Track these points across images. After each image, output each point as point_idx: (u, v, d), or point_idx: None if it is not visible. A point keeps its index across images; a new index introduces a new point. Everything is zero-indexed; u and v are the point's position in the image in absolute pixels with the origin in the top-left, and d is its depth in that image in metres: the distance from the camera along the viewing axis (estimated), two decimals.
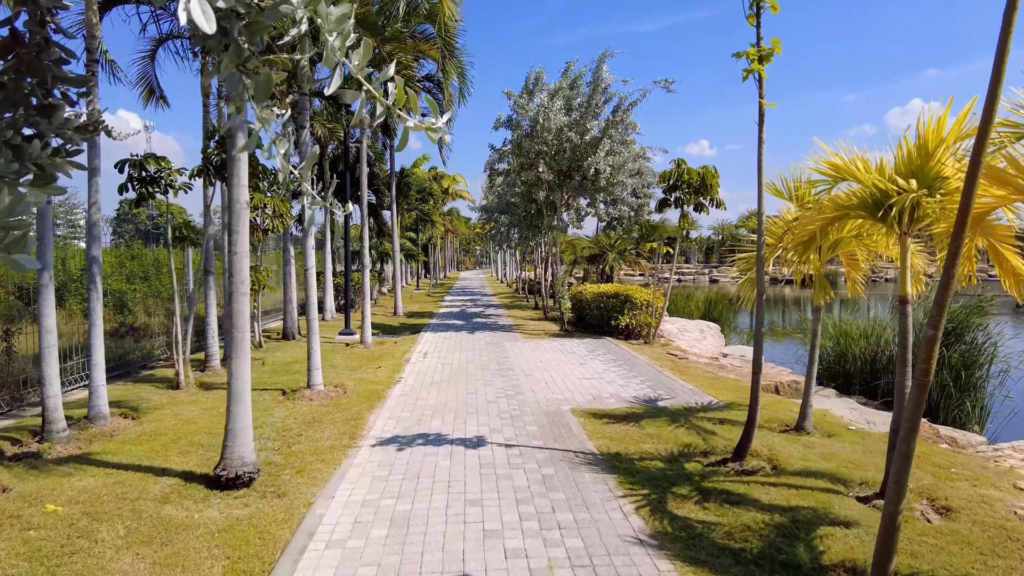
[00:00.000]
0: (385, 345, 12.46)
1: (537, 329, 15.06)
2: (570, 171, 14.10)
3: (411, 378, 8.80)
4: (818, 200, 4.93)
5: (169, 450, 5.58)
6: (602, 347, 11.84)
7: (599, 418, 6.58)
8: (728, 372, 9.80)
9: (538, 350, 11.43)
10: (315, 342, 7.83)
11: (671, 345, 12.99)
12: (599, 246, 18.09)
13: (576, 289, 15.32)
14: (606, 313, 13.66)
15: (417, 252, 29.07)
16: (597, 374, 8.99)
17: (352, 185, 19.10)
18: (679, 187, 12.42)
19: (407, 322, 17.26)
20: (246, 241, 4.67)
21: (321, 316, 17.58)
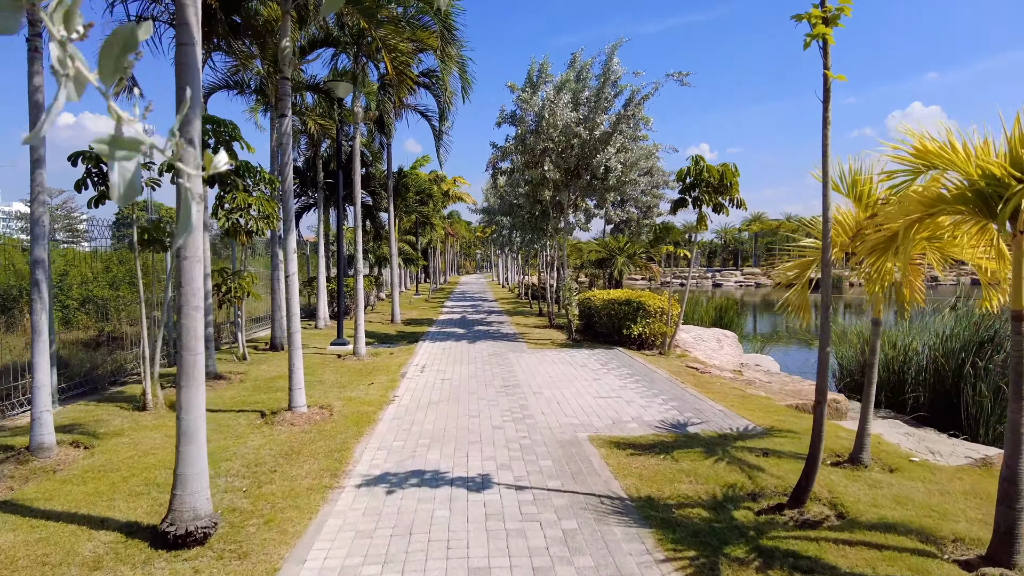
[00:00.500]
0: (380, 356, 11.60)
1: (543, 338, 14.19)
2: (578, 169, 13.26)
3: (406, 397, 7.93)
4: (895, 195, 4.07)
5: (117, 492, 4.72)
6: (615, 359, 10.97)
7: (623, 448, 5.71)
8: (756, 389, 8.93)
9: (545, 362, 10.57)
10: (297, 359, 6.97)
11: (688, 356, 12.13)
12: (607, 250, 17.24)
13: (584, 295, 14.46)
14: (617, 321, 12.80)
15: (416, 256, 28.18)
16: (614, 392, 8.12)
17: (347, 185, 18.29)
18: (697, 186, 11.58)
19: (405, 330, 16.40)
20: (198, 243, 3.82)
21: (314, 324, 16.72)
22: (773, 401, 8.04)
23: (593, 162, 12.53)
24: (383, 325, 17.47)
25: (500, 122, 13.62)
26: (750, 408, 7.43)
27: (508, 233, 26.46)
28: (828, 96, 4.05)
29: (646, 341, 12.81)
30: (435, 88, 17.78)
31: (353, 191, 11.60)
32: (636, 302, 12.67)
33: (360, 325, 11.51)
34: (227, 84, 12.50)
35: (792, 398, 8.36)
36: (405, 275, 38.83)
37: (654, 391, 8.20)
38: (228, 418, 6.95)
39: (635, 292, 14.04)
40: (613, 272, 16.86)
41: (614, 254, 16.74)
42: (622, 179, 12.60)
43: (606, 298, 13.43)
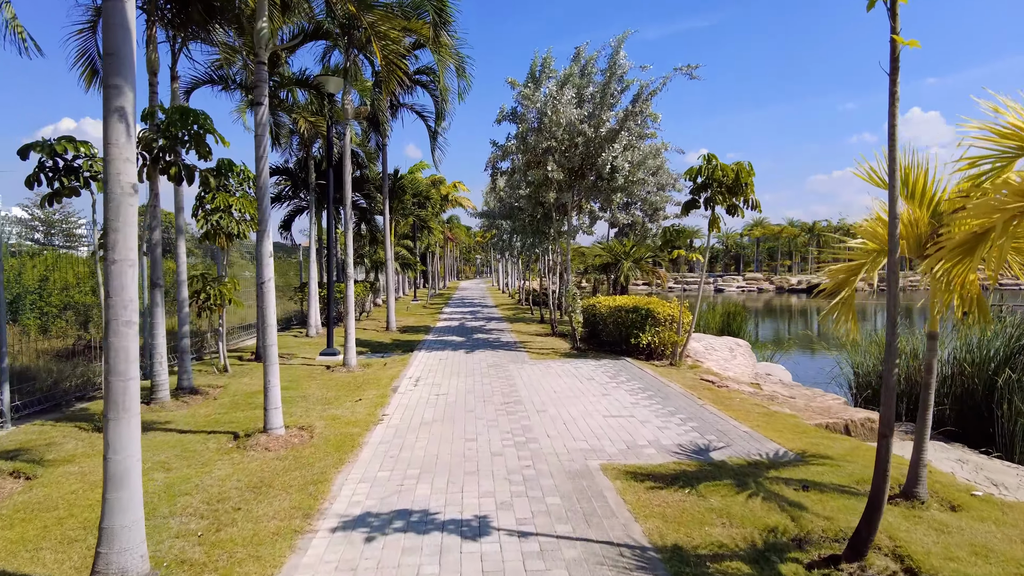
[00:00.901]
0: (372, 368, 10.88)
1: (545, 347, 13.48)
2: (582, 169, 12.59)
3: (396, 416, 7.22)
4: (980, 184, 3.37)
5: (47, 538, 4.00)
6: (624, 371, 10.26)
7: (640, 480, 4.99)
8: (780, 405, 8.22)
9: (549, 375, 9.85)
10: (273, 375, 6.26)
11: (701, 368, 11.41)
12: (612, 254, 16.55)
13: (589, 302, 13.76)
14: (625, 330, 12.09)
15: (414, 261, 27.51)
16: (625, 409, 7.40)
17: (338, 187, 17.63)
18: (709, 186, 10.91)
19: (400, 338, 15.68)
20: (131, 244, 3.12)
21: (305, 332, 16.01)
22: (800, 420, 7.32)
23: (599, 161, 11.86)
24: (378, 333, 16.75)
25: (500, 119, 12.96)
26: (777, 429, 6.72)
27: (508, 237, 25.85)
28: (896, 66, 3.37)
29: (655, 351, 12.10)
30: (432, 87, 17.16)
31: (344, 192, 10.93)
32: (645, 309, 11.96)
33: (350, 334, 10.81)
34: (211, 79, 11.85)
35: (820, 416, 7.65)
36: (403, 280, 38.14)
37: (670, 408, 7.48)
38: (197, 441, 6.24)
39: (643, 299, 13.33)
40: (619, 277, 16.16)
41: (619, 259, 16.05)
42: (629, 179, 11.92)
43: (612, 305, 12.73)
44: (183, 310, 8.69)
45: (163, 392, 8.01)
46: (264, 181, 6.25)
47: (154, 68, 7.71)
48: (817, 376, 15.62)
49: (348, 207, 10.89)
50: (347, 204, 10.88)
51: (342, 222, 20.05)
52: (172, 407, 7.87)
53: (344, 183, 10.90)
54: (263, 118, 6.22)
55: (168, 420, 7.17)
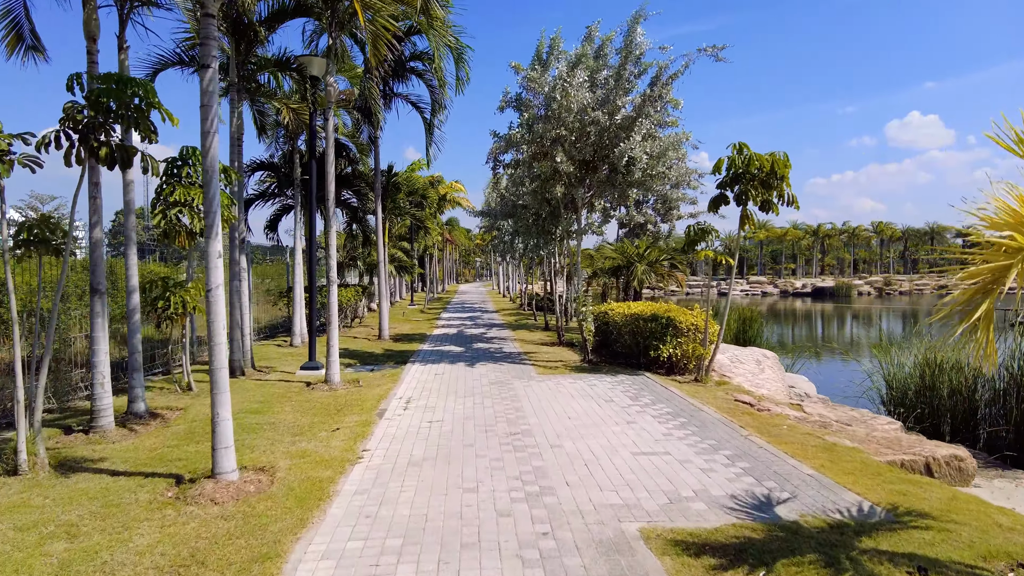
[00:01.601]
0: (358, 385, 9.65)
1: (553, 359, 12.24)
2: (595, 161, 11.38)
3: (379, 451, 5.98)
4: None
5: None
6: (646, 390, 9.03)
7: (696, 555, 3.77)
8: (836, 434, 6.98)
9: (561, 394, 8.62)
10: (222, 406, 5.03)
11: (730, 384, 10.19)
12: (624, 256, 15.33)
13: (600, 309, 12.53)
14: (643, 341, 10.87)
15: (410, 263, 26.29)
16: (657, 443, 6.17)
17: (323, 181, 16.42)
18: (741, 178, 9.71)
19: (393, 348, 14.44)
20: None
21: (289, 341, 14.77)
22: (867, 455, 6.09)
23: (614, 152, 10.65)
24: (369, 342, 15.51)
25: (503, 106, 11.75)
26: (845, 469, 5.49)
27: (510, 239, 24.62)
28: None
29: (677, 364, 10.88)
30: (428, 76, 15.99)
31: (326, 186, 9.71)
32: (665, 318, 10.74)
33: (333, 346, 9.58)
34: (180, 60, 10.64)
35: (890, 450, 6.42)
36: (399, 284, 36.91)
37: (710, 442, 6.25)
38: (128, 488, 5.01)
39: (661, 306, 12.11)
40: (631, 281, 14.94)
41: (632, 261, 14.83)
42: (648, 172, 10.71)
43: (627, 313, 11.50)
44: (132, 319, 7.46)
45: (105, 419, 6.78)
46: (212, 162, 5.03)
47: (92, 32, 6.50)
48: (846, 389, 14.43)
49: (331, 203, 9.68)
50: (330, 200, 9.66)
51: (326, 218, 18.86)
52: (115, 437, 6.64)
53: (327, 176, 9.69)
54: (210, 85, 5.00)
55: (103, 457, 5.93)
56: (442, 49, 13.10)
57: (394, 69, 15.45)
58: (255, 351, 13.38)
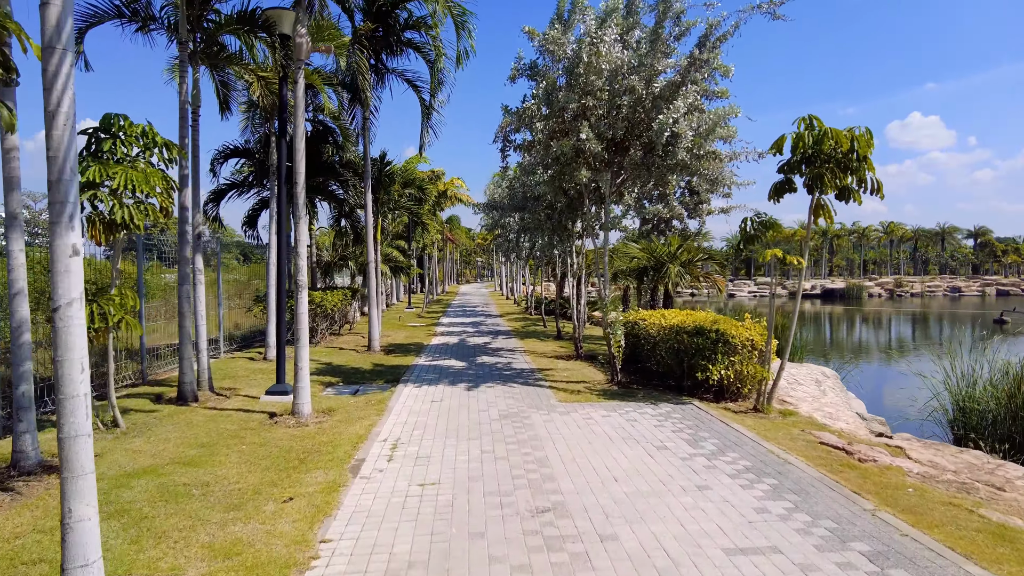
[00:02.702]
0: (333, 417, 7.72)
1: (573, 378, 10.30)
2: (627, 140, 9.46)
3: (345, 547, 4.05)
4: None
5: None
6: (703, 427, 7.09)
7: None
8: (993, 505, 5.03)
9: (595, 436, 6.68)
10: (79, 497, 3.11)
11: (799, 415, 8.26)
12: (652, 255, 13.39)
13: (632, 317, 10.59)
14: (687, 360, 8.94)
15: (407, 263, 24.35)
16: (755, 530, 4.24)
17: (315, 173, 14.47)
18: (813, 160, 7.83)
19: (384, 362, 12.50)
20: None
21: (263, 354, 12.80)
22: None
23: (652, 127, 8.71)
24: (357, 354, 13.56)
25: (514, 75, 9.83)
26: None
27: (515, 237, 22.66)
28: None
29: (728, 388, 8.96)
30: (427, 50, 14.05)
31: (295, 166, 7.77)
32: (714, 332, 8.82)
33: (302, 367, 7.65)
34: (118, 12, 8.71)
35: None
36: (396, 286, 34.97)
37: (826, 523, 4.32)
38: None
39: (705, 315, 10.17)
40: (666, 284, 12.98)
41: (663, 261, 12.88)
42: (695, 152, 8.76)
43: (665, 324, 9.57)
44: (18, 339, 5.52)
45: None
46: (60, 111, 3.08)
47: None
48: (898, 406, 12.53)
49: (300, 188, 7.75)
50: (299, 185, 7.73)
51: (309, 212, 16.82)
52: None
53: (295, 153, 7.75)
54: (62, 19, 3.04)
55: None
56: (442, 11, 11.16)
57: (387, 39, 13.51)
58: (221, 367, 11.46)
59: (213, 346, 13.00)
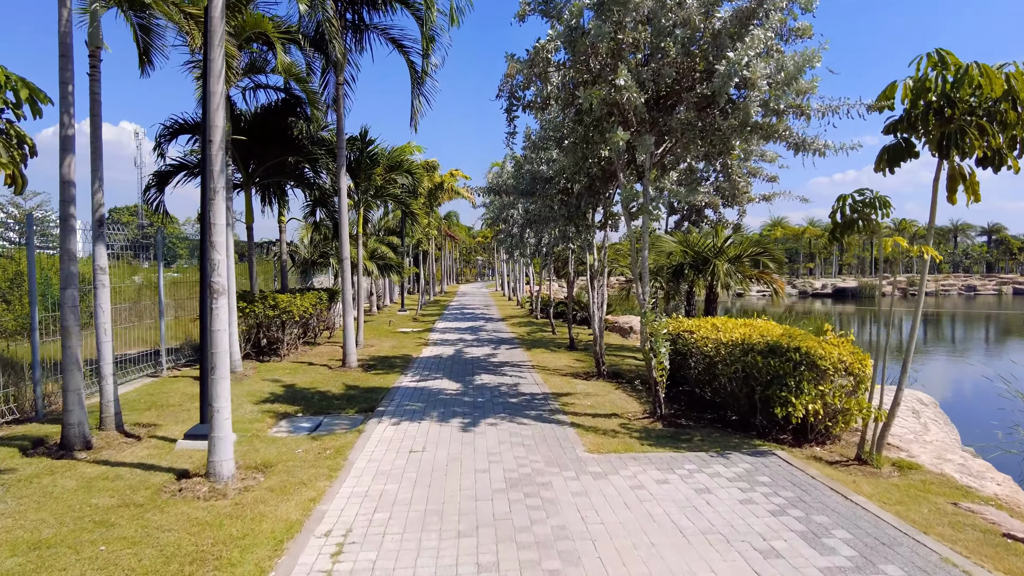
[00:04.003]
0: (266, 479, 5.41)
1: (600, 409, 7.98)
2: (674, 94, 7.12)
3: None
4: None
5: None
6: (810, 499, 4.79)
7: None
8: None
9: (658, 527, 4.41)
10: None
11: (921, 470, 5.96)
12: (692, 250, 11.06)
13: (678, 327, 8.27)
14: (759, 388, 6.63)
15: (398, 262, 22.05)
16: None
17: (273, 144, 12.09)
18: (947, 112, 5.59)
19: (358, 383, 10.17)
20: None
21: None
22: None
23: (717, 71, 6.38)
24: (328, 372, 11.24)
25: (524, 12, 7.48)
26: None
27: (519, 231, 20.34)
28: None
29: (814, 427, 6.65)
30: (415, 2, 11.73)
31: (208, 110, 5.41)
32: (795, 351, 6.54)
33: (219, 410, 5.32)
34: None
35: None
36: (388, 286, 32.64)
37: None
38: None
39: (770, 325, 7.85)
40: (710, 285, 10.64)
41: (706, 257, 10.54)
42: (773, 106, 6.42)
43: (726, 340, 7.24)
44: None
45: None
46: None
47: None
48: (984, 425, 10.28)
49: (217, 144, 5.38)
50: (214, 138, 5.37)
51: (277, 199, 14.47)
52: None
53: (210, 98, 5.39)
54: None
55: None
56: None
57: None
58: (153, 391, 9.15)
59: (152, 362, 10.70)
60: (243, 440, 6.79)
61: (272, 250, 16.07)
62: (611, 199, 10.04)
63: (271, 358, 12.31)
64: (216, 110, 5.38)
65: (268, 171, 12.94)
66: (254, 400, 8.75)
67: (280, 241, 14.69)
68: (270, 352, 12.52)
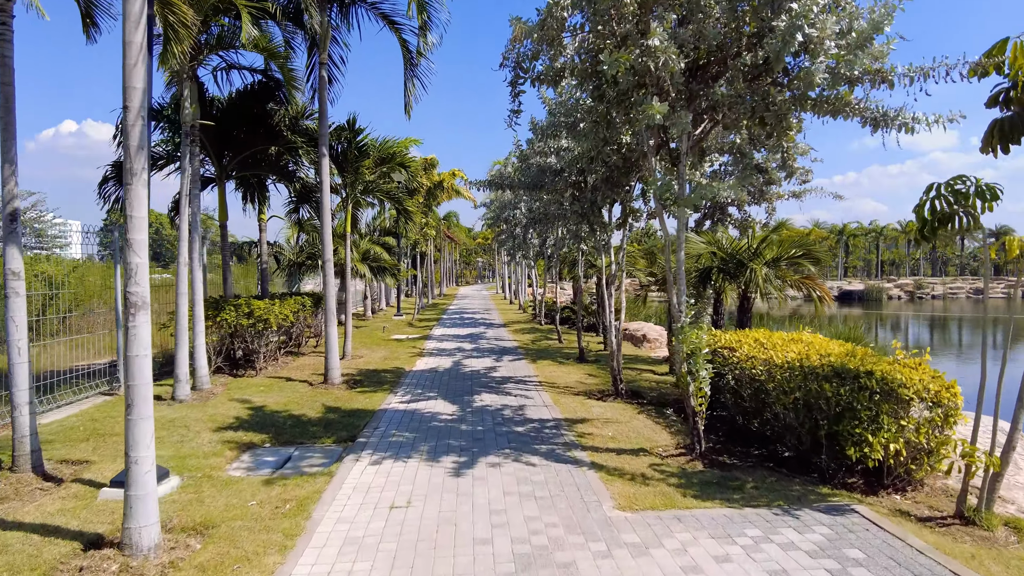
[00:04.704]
0: (200, 553, 4.14)
1: (626, 442, 6.71)
2: (716, 62, 5.87)
3: None
4: None
5: None
6: None
7: None
8: None
9: None
10: None
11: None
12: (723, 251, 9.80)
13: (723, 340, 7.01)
14: (825, 421, 5.38)
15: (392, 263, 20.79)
16: None
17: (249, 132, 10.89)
18: None
19: (341, 403, 8.91)
20: None
21: (171, 391, 9.13)
22: None
23: (776, 29, 5.13)
24: (307, 389, 9.97)
25: None
26: None
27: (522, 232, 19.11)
28: None
29: (892, 470, 5.40)
30: None
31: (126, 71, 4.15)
32: (865, 374, 5.32)
33: (138, 460, 4.06)
34: None
35: None
36: (385, 289, 31.38)
37: None
38: None
39: (835, 344, 6.60)
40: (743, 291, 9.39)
41: (740, 259, 9.28)
42: (845, 71, 5.16)
43: (781, 361, 5.98)
44: None
45: None
46: None
47: None
48: None
49: (135, 111, 4.13)
50: (132, 105, 4.11)
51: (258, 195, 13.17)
52: None
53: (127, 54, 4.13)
54: None
55: None
56: None
57: None
58: (97, 414, 7.89)
59: (107, 378, 9.44)
60: (189, 484, 5.54)
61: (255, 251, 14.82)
62: (631, 193, 8.79)
63: (247, 371, 11.05)
64: (134, 66, 4.13)
65: (245, 163, 11.68)
66: (215, 426, 7.49)
67: (260, 241, 13.43)
68: (247, 365, 11.27)
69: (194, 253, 9.69)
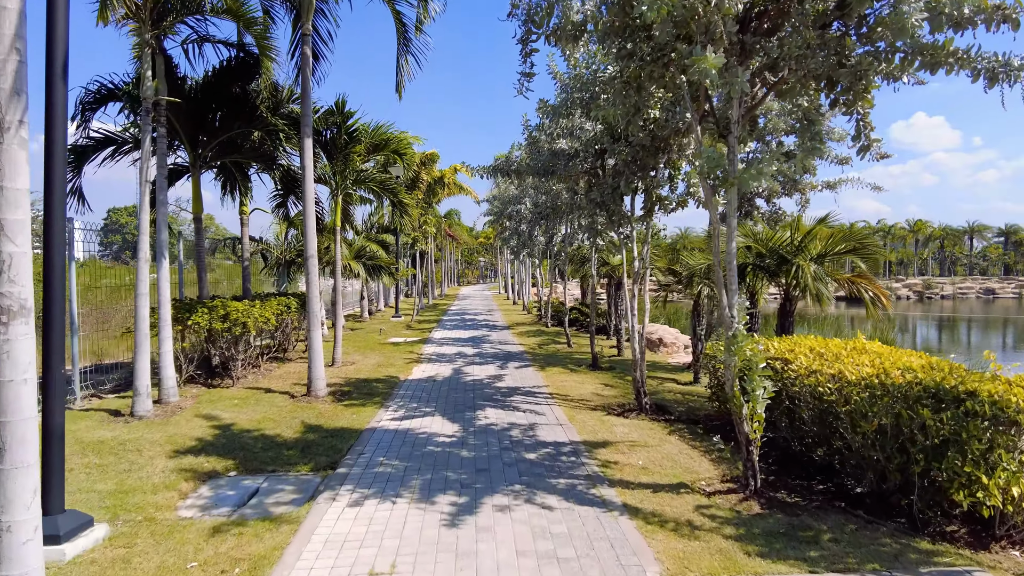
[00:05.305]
0: None
1: (659, 473, 5.62)
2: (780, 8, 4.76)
3: None
4: None
5: None
6: None
7: None
8: None
9: None
10: None
11: None
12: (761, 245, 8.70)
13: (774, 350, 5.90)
14: (921, 456, 4.27)
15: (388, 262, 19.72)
16: None
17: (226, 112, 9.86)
18: None
19: (323, 420, 7.81)
20: None
21: (130, 407, 8.03)
22: None
23: None
24: (287, 403, 8.87)
25: None
26: None
27: (528, 228, 18.05)
28: None
29: (1006, 517, 4.29)
30: None
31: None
32: (969, 395, 4.21)
33: (13, 528, 2.94)
34: None
35: None
36: (382, 289, 30.29)
37: None
38: None
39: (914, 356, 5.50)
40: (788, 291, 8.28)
41: (784, 256, 8.16)
42: (951, 11, 4.05)
43: (854, 378, 4.88)
44: None
45: None
46: None
47: None
48: None
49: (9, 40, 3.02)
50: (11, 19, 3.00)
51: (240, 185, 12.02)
52: None
53: None
54: None
55: None
56: None
57: None
58: None
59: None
60: (122, 533, 4.46)
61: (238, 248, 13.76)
62: (657, 178, 7.68)
63: (224, 380, 9.98)
64: None
65: (223, 149, 10.60)
66: (173, 450, 6.40)
67: (243, 236, 12.35)
68: (224, 373, 10.19)
69: (162, 247, 8.59)
